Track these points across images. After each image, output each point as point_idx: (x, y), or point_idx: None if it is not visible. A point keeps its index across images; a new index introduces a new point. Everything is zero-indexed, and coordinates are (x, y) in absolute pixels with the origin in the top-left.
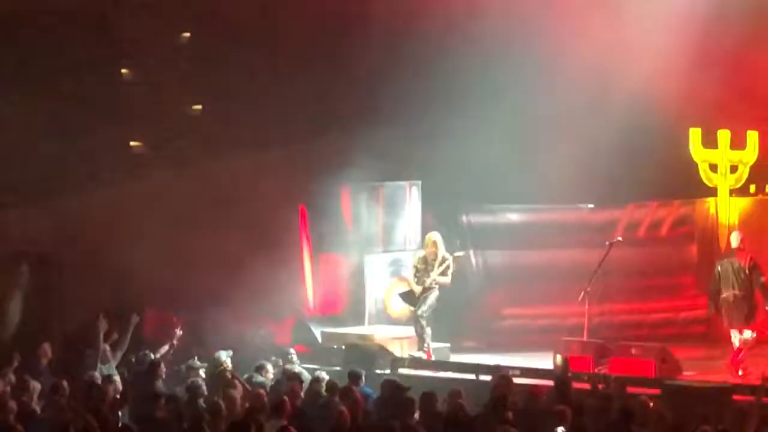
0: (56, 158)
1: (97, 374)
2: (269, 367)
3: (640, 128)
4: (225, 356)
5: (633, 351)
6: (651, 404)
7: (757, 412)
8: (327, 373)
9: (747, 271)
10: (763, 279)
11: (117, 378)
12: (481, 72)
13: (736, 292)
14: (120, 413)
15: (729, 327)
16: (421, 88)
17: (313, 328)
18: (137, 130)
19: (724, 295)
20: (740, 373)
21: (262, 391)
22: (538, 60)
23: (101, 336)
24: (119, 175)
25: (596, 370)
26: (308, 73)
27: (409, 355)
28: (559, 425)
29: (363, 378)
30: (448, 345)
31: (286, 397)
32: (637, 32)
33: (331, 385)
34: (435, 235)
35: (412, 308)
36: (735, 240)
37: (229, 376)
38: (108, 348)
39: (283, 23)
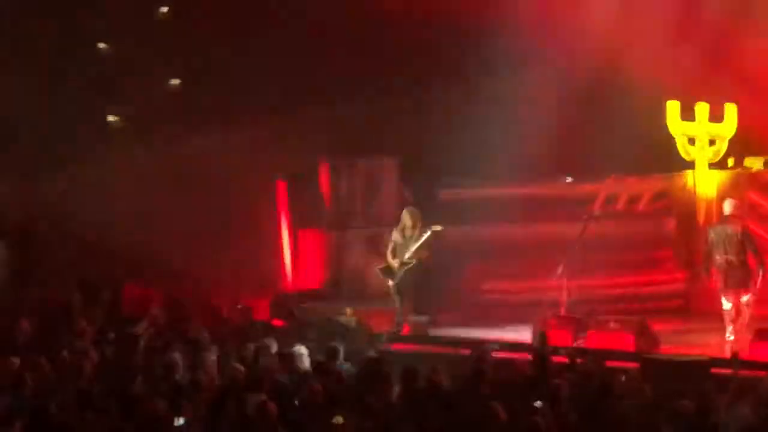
0: (33, 133)
1: (74, 350)
2: (250, 342)
3: (618, 101)
4: (204, 331)
5: (611, 325)
6: (623, 377)
7: (733, 385)
8: (305, 348)
9: (739, 237)
10: (755, 245)
11: (94, 353)
12: (458, 47)
13: (730, 257)
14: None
15: (722, 292)
16: (400, 64)
17: (291, 303)
18: (115, 105)
19: (718, 260)
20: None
21: (240, 366)
22: (515, 34)
23: (76, 311)
24: (97, 149)
25: (575, 344)
26: (287, 48)
27: (387, 329)
28: (537, 399)
29: (341, 353)
30: (427, 319)
31: (265, 373)
32: (615, 5)
33: (309, 360)
34: (412, 210)
35: (390, 283)
36: (728, 207)
37: (208, 351)
38: (85, 323)
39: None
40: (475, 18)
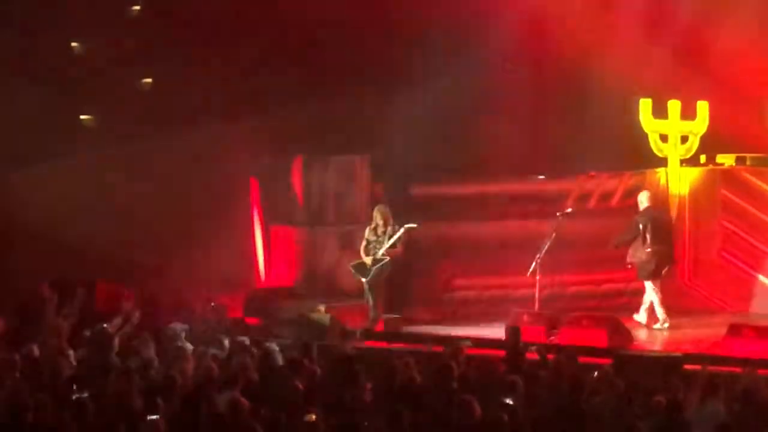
0: (6, 132)
1: (47, 348)
2: (223, 340)
3: (590, 99)
4: (180, 329)
5: (584, 321)
6: (595, 373)
7: (702, 381)
8: (278, 345)
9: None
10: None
11: (71, 352)
12: (428, 45)
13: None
14: (75, 387)
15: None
16: (370, 61)
17: (264, 301)
18: (87, 104)
19: (651, 249)
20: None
21: (212, 364)
22: (487, 31)
23: (49, 308)
24: (69, 148)
25: (547, 341)
26: (258, 46)
27: (361, 326)
28: (509, 395)
29: (314, 350)
30: (399, 316)
31: (238, 370)
32: (588, 3)
33: (282, 358)
34: (384, 208)
35: (363, 280)
36: (645, 199)
37: (182, 348)
38: (61, 321)
39: None
40: (446, 13)
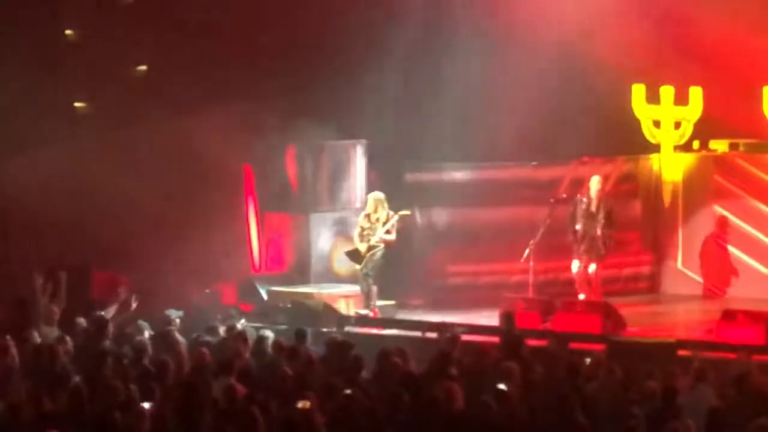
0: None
1: (35, 334)
2: (218, 326)
3: (583, 85)
4: (174, 315)
5: (578, 307)
6: (588, 359)
7: (694, 366)
8: (273, 332)
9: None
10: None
11: (68, 338)
12: (423, 33)
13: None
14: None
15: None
16: (365, 48)
17: (259, 287)
18: (81, 91)
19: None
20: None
21: (205, 350)
22: (481, 17)
23: (40, 294)
24: (63, 135)
25: (542, 327)
26: (253, 33)
27: (355, 313)
28: (503, 382)
29: (309, 336)
30: (394, 303)
31: (233, 356)
32: None
33: (276, 344)
34: (378, 194)
35: (358, 266)
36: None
37: (177, 335)
38: (54, 309)
39: None
40: (439, 4)
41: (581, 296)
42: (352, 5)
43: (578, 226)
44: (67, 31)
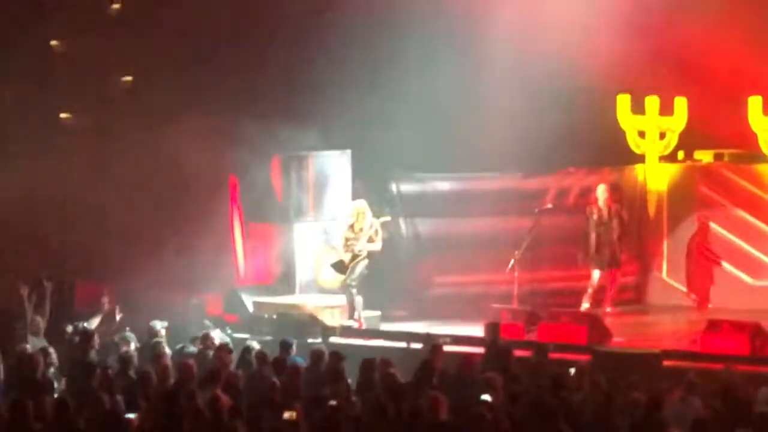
0: None
1: (28, 346)
2: (203, 337)
3: (568, 95)
4: (159, 326)
5: (563, 318)
6: (572, 371)
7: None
8: (258, 343)
9: None
10: None
11: (51, 350)
12: (408, 42)
13: None
14: (56, 385)
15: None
16: (350, 58)
17: (244, 298)
18: (67, 102)
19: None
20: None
21: (191, 361)
22: (467, 28)
23: (27, 306)
24: (49, 146)
25: (526, 338)
26: (237, 43)
27: (340, 323)
28: (487, 392)
29: (294, 347)
30: (379, 313)
31: (219, 367)
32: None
33: (261, 355)
34: (361, 204)
35: (342, 277)
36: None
37: (162, 346)
38: (39, 319)
39: None
40: (432, 10)
41: (585, 305)
42: (338, 17)
43: (593, 236)
44: (53, 42)
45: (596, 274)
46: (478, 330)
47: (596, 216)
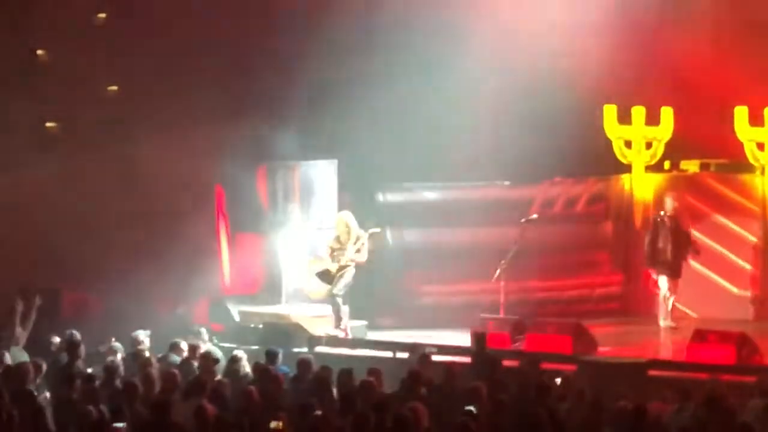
0: None
1: (9, 356)
2: (188, 347)
3: (555, 105)
4: (143, 336)
5: (549, 327)
6: (558, 380)
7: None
8: (244, 352)
9: None
10: None
11: (32, 360)
12: (396, 52)
13: None
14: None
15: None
16: (337, 68)
17: (230, 307)
18: (52, 111)
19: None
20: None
21: (175, 370)
22: (454, 37)
23: (17, 318)
24: (34, 155)
25: (512, 347)
26: (224, 53)
27: (326, 333)
28: (472, 402)
29: (280, 357)
30: (365, 323)
31: (204, 377)
32: (552, 9)
33: (248, 364)
34: (346, 215)
35: (328, 287)
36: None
37: (147, 355)
38: (21, 330)
39: (195, 4)
40: (417, 21)
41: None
42: (324, 28)
43: (660, 245)
44: (38, 51)
45: (663, 281)
46: (465, 339)
47: (668, 225)
